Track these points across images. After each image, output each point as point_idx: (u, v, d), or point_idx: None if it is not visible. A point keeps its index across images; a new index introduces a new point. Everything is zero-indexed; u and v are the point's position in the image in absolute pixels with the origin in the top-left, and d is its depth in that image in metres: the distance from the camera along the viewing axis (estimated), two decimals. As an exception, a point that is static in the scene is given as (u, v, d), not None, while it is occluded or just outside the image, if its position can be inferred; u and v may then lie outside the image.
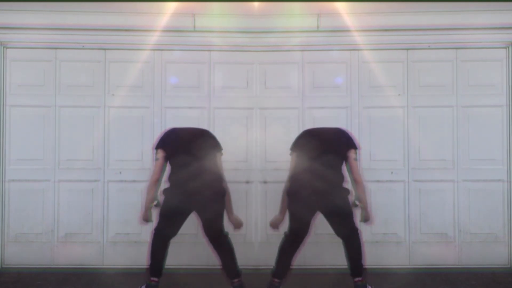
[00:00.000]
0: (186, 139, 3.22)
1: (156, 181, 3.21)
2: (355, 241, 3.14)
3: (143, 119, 3.96)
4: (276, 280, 3.21)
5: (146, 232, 3.73)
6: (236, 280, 3.22)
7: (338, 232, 3.17)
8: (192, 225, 3.86)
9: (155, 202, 3.23)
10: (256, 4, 3.89)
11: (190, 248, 3.91)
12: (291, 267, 3.24)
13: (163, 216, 3.16)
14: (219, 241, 3.21)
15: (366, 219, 3.22)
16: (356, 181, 3.19)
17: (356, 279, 3.16)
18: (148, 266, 3.17)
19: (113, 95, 3.96)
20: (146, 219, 3.25)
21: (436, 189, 3.95)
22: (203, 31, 3.93)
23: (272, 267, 3.25)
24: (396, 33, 3.93)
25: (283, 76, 4.01)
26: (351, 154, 3.19)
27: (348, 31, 3.92)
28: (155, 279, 3.15)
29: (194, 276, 3.73)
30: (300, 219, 3.16)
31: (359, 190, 3.19)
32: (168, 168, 3.25)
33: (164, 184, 3.25)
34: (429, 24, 3.90)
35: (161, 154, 3.20)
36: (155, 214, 3.21)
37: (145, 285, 3.17)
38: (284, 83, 4.01)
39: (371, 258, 3.74)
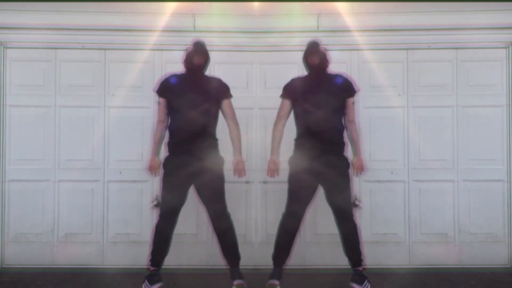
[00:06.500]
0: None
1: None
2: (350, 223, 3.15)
3: (143, 119, 3.95)
4: (278, 268, 3.18)
5: (146, 232, 3.73)
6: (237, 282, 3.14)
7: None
8: (192, 225, 3.88)
9: (155, 202, 3.22)
10: (256, 4, 3.89)
11: (190, 248, 3.91)
12: (291, 251, 3.21)
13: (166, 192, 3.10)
14: (221, 221, 3.17)
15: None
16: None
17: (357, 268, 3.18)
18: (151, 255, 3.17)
19: (113, 95, 3.96)
20: (154, 165, 3.17)
21: (436, 189, 3.94)
22: (203, 31, 3.92)
23: (272, 268, 3.24)
24: (396, 33, 3.93)
25: (283, 76, 3.97)
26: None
27: (348, 31, 3.92)
28: (155, 268, 3.15)
29: (194, 276, 3.73)
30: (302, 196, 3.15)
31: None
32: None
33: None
34: (429, 24, 3.90)
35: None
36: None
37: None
38: (284, 83, 3.99)
39: (371, 258, 3.73)
